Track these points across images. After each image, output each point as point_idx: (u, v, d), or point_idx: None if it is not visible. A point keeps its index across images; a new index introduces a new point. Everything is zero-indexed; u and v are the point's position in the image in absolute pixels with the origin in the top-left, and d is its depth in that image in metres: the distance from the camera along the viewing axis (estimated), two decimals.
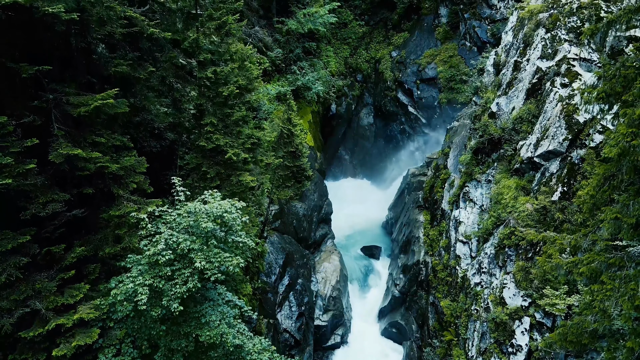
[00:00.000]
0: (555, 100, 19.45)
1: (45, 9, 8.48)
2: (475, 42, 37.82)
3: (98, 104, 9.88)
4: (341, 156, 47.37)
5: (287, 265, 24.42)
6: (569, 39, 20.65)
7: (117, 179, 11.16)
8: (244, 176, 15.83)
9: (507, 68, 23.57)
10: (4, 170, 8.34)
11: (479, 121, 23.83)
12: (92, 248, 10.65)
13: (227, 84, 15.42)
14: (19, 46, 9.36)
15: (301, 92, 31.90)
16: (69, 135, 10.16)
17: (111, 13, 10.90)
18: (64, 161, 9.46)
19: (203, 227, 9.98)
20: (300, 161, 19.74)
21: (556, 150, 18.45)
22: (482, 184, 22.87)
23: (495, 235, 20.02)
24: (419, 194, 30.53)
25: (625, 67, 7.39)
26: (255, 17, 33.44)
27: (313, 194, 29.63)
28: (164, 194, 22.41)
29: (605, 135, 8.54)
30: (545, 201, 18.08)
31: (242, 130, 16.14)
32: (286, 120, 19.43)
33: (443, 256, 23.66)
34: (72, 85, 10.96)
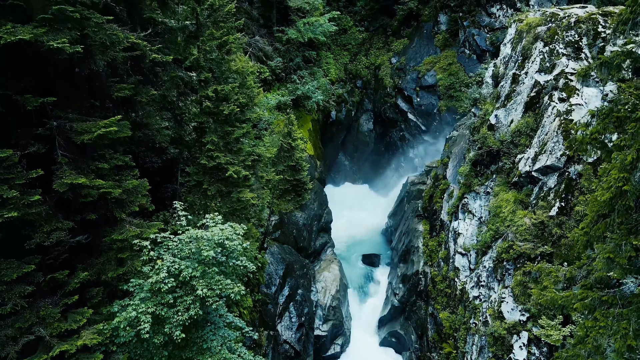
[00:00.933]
0: (553, 115, 19.61)
1: (50, 43, 8.64)
2: (474, 50, 37.98)
3: (101, 132, 10.03)
4: (341, 162, 47.56)
5: (287, 275, 24.55)
6: (567, 53, 20.80)
7: (119, 202, 11.30)
8: (244, 193, 15.98)
9: (506, 80, 23.72)
10: (9, 202, 8.49)
11: (477, 133, 23.99)
12: (95, 272, 10.80)
13: (228, 102, 15.56)
14: (24, 77, 9.51)
15: (301, 101, 32.06)
16: (72, 162, 10.31)
17: (114, 37, 11.05)
18: (68, 189, 9.61)
19: (205, 256, 10.13)
20: (300, 174, 19.88)
21: (554, 165, 18.61)
22: (480, 195, 23.02)
23: (493, 248, 20.17)
24: (418, 203, 30.68)
25: (617, 109, 7.53)
26: (256, 25, 33.59)
27: (313, 203, 29.79)
28: (165, 206, 22.61)
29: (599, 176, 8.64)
30: (543, 216, 18.24)
31: (243, 148, 16.29)
32: (286, 134, 19.57)
33: (442, 267, 23.81)
34: (76, 111, 11.11)
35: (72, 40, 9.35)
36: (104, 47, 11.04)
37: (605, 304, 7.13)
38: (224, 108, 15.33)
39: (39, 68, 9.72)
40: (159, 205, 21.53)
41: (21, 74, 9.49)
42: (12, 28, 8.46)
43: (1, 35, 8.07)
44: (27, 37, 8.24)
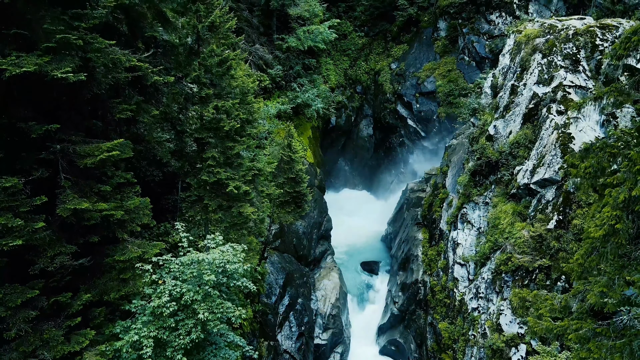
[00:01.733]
0: (551, 127, 19.76)
1: (55, 73, 8.78)
2: (473, 57, 38.13)
3: (104, 157, 10.18)
4: (341, 167, 47.73)
5: (288, 285, 24.70)
6: (565, 65, 20.94)
7: (121, 222, 11.44)
8: (244, 207, 16.11)
9: (505, 91, 23.86)
10: (14, 230, 8.64)
11: (476, 143, 24.13)
12: (97, 293, 10.94)
13: (229, 117, 15.71)
14: (28, 104, 9.66)
15: (301, 109, 32.21)
16: (75, 185, 10.46)
17: (116, 60, 11.20)
18: (71, 214, 9.75)
19: (206, 280, 10.27)
20: (300, 187, 19.99)
21: (552, 178, 18.75)
22: (479, 206, 23.16)
23: (492, 260, 20.31)
24: (417, 210, 30.83)
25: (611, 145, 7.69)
26: (256, 33, 33.73)
27: (313, 211, 29.94)
28: (165, 217, 22.75)
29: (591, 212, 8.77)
30: (541, 229, 18.38)
31: (243, 162, 16.42)
32: (286, 146, 19.71)
33: (441, 277, 23.95)
34: (78, 132, 11.26)
35: (75, 68, 9.50)
36: (106, 69, 11.20)
37: (600, 335, 7.27)
38: (224, 124, 15.46)
39: (42, 94, 9.86)
40: (159, 216, 21.72)
41: (25, 101, 9.64)
42: (17, 59, 8.61)
43: (6, 68, 8.22)
44: (31, 69, 8.39)
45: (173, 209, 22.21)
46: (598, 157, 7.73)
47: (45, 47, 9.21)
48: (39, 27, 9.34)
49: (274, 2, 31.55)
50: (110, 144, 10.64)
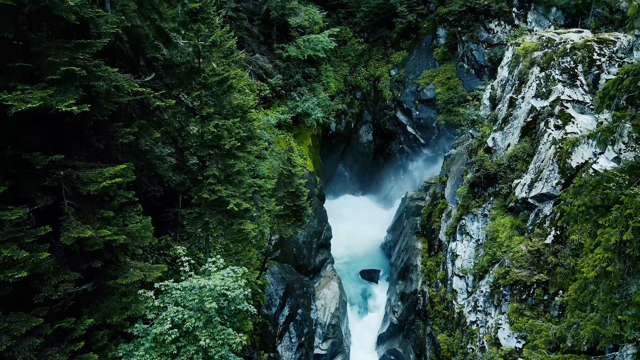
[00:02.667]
0: (548, 142, 19.93)
1: (59, 107, 8.96)
2: (473, 64, 38.31)
3: (107, 184, 10.35)
4: (341, 173, 47.86)
5: (288, 295, 24.86)
6: (563, 79, 21.12)
7: (124, 246, 11.60)
8: (245, 224, 16.27)
9: (503, 103, 24.03)
10: (19, 262, 8.81)
11: (475, 155, 24.30)
12: (100, 316, 11.11)
13: (230, 134, 15.87)
14: (33, 134, 9.83)
15: (301, 118, 32.38)
16: (78, 211, 10.62)
17: (119, 85, 11.38)
18: (75, 242, 9.92)
19: (208, 308, 10.44)
20: (300, 200, 20.17)
21: (549, 193, 18.92)
22: (478, 217, 23.32)
23: (490, 273, 20.48)
24: (417, 219, 31.00)
25: (604, 185, 7.85)
26: (256, 43, 33.91)
27: (313, 220, 30.10)
28: (166, 230, 22.88)
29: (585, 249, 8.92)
30: (539, 244, 18.55)
31: (244, 179, 16.58)
32: (286, 160, 19.88)
33: (440, 288, 24.12)
34: (82, 157, 11.43)
35: (79, 99, 9.67)
36: (109, 95, 11.37)
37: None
38: (225, 142, 15.63)
39: (46, 124, 10.03)
40: (160, 229, 21.87)
41: (30, 131, 9.80)
42: (22, 93, 8.78)
43: (12, 104, 8.38)
44: (37, 105, 8.56)
45: (174, 222, 22.40)
46: (591, 195, 7.93)
47: (49, 79, 9.37)
48: (43, 59, 9.51)
49: (274, 12, 31.72)
50: (113, 170, 10.80)
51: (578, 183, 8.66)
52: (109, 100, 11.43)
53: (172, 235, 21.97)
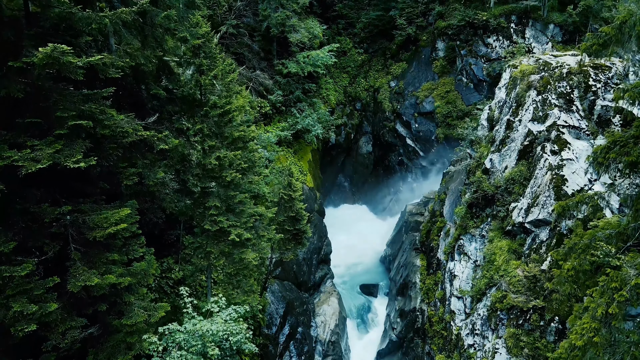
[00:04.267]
0: (545, 167, 20.23)
1: (67, 163, 9.27)
2: (471, 79, 38.61)
3: (112, 231, 10.65)
4: (340, 183, 48.16)
5: (288, 314, 25.16)
6: (559, 104, 21.42)
7: (128, 287, 11.91)
8: (246, 254, 16.59)
9: (501, 125, 24.33)
10: (28, 316, 9.11)
11: (473, 175, 24.62)
12: (105, 356, 11.41)
13: (231, 167, 16.18)
14: (40, 186, 10.14)
15: (301, 134, 32.70)
16: (84, 255, 10.93)
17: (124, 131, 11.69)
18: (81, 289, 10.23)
19: (210, 355, 10.76)
20: (300, 224, 20.48)
21: (546, 219, 19.22)
22: (476, 238, 23.62)
23: (488, 296, 20.78)
24: (415, 235, 31.30)
25: (592, 254, 8.16)
26: (256, 59, 34.23)
27: (313, 236, 30.37)
28: (168, 251, 23.16)
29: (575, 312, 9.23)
30: (535, 270, 18.86)
31: (245, 209, 16.89)
32: (287, 185, 20.19)
33: (439, 308, 24.42)
34: (87, 199, 11.74)
35: (85, 152, 9.98)
36: (114, 140, 11.69)
37: None
38: (226, 174, 15.95)
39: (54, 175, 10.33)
40: (162, 251, 22.19)
41: (39, 185, 10.11)
42: (31, 152, 9.08)
43: (22, 164, 8.69)
44: (46, 165, 8.87)
45: (176, 243, 22.70)
46: (580, 259, 8.24)
47: (57, 133, 9.68)
48: (51, 113, 9.81)
49: (274, 29, 32.04)
50: (118, 215, 11.11)
51: (568, 245, 8.98)
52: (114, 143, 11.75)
53: (174, 257, 22.31)
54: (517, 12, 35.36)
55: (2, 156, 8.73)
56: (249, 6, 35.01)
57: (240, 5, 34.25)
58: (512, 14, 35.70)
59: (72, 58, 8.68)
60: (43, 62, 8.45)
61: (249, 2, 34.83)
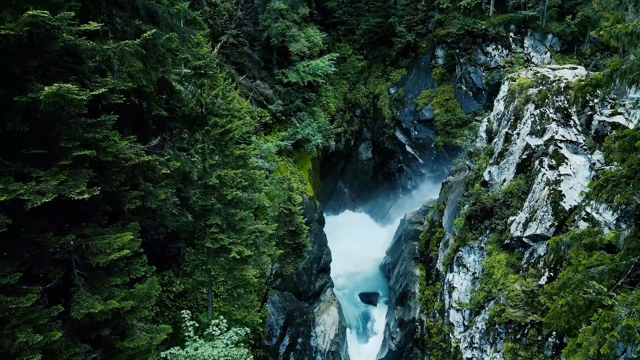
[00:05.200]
0: (542, 182, 20.41)
1: (72, 195, 9.45)
2: (470, 87, 38.80)
3: (115, 257, 10.83)
4: (340, 189, 48.34)
5: (288, 324, 25.34)
6: (557, 118, 21.59)
7: (131, 310, 12.07)
8: (247, 270, 16.77)
9: (499, 138, 24.50)
10: (33, 345, 9.28)
11: (472, 187, 24.78)
12: None
13: (232, 185, 16.36)
14: (45, 215, 10.31)
15: (301, 144, 32.89)
16: (88, 281, 11.10)
17: (127, 157, 11.87)
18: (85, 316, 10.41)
19: None
20: (300, 238, 20.66)
21: (543, 234, 19.39)
22: (475, 250, 23.80)
23: (486, 309, 20.95)
24: (415, 244, 31.48)
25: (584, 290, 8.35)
26: (257, 68, 34.42)
27: (313, 246, 30.53)
28: (169, 263, 23.31)
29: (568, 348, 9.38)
30: (533, 284, 19.03)
31: (246, 226, 17.07)
32: (287, 199, 20.37)
33: (437, 319, 24.59)
34: (90, 224, 11.92)
35: (90, 182, 10.16)
36: (117, 164, 11.87)
37: None
38: (227, 193, 16.13)
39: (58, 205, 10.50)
40: (163, 263, 22.37)
41: (42, 215, 10.28)
42: (37, 184, 9.26)
43: (28, 198, 8.87)
44: (51, 199, 9.05)
45: (176, 255, 22.88)
46: (574, 294, 8.42)
47: (62, 164, 9.86)
48: (56, 144, 9.99)
49: (274, 39, 32.22)
50: (121, 241, 11.27)
51: (562, 279, 9.16)
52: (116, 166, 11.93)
53: (174, 270, 22.49)
54: (516, 22, 35.55)
55: (8, 190, 8.90)
56: (249, 15, 35.22)
57: (241, 15, 34.47)
58: (511, 23, 35.89)
59: (76, 94, 8.86)
60: (49, 100, 8.63)
61: (249, 11, 35.04)
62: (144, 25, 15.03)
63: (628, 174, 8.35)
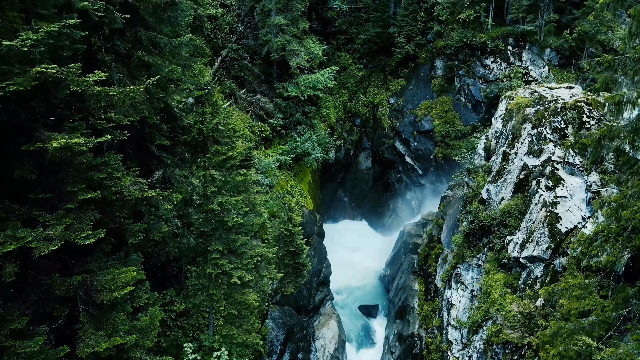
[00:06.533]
0: (539, 203, 20.67)
1: (78, 240, 9.72)
2: (469, 99, 39.05)
3: (119, 295, 11.09)
4: (340, 198, 48.59)
5: (288, 340, 25.59)
6: (554, 139, 21.86)
7: (134, 345, 12.34)
8: (247, 294, 17.02)
9: (497, 156, 24.77)
10: None
11: (470, 204, 25.04)
12: None
13: (233, 212, 16.62)
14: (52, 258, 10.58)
15: (301, 157, 33.15)
16: (93, 317, 11.37)
17: (130, 193, 12.14)
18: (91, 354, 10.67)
19: None
20: (300, 258, 20.92)
21: (540, 256, 19.65)
22: (473, 267, 24.06)
23: (484, 329, 21.21)
24: (414, 258, 31.74)
25: (576, 342, 8.60)
26: (257, 82, 34.68)
27: (312, 260, 30.80)
28: (170, 282, 23.52)
29: None
30: (530, 306, 19.29)
31: (247, 251, 17.32)
32: (287, 220, 20.63)
33: (436, 335, 24.85)
34: (95, 258, 12.18)
35: (95, 223, 10.43)
36: (121, 200, 12.13)
37: None
38: (228, 219, 16.38)
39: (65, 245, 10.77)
40: (164, 282, 22.61)
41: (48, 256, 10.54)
42: (43, 230, 9.53)
43: (35, 246, 9.14)
44: (57, 246, 9.32)
45: (178, 274, 23.12)
46: (565, 344, 8.69)
47: (67, 207, 10.13)
48: (62, 187, 10.25)
49: (275, 54, 32.49)
50: (125, 278, 11.53)
51: (554, 328, 9.42)
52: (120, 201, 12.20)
53: (176, 288, 22.73)
54: (514, 36, 35.82)
55: (16, 237, 9.16)
56: (249, 28, 35.48)
57: (242, 29, 34.73)
58: (509, 36, 36.16)
59: (83, 147, 9.13)
60: (57, 153, 8.89)
61: (250, 25, 35.31)
62: (147, 57, 15.34)
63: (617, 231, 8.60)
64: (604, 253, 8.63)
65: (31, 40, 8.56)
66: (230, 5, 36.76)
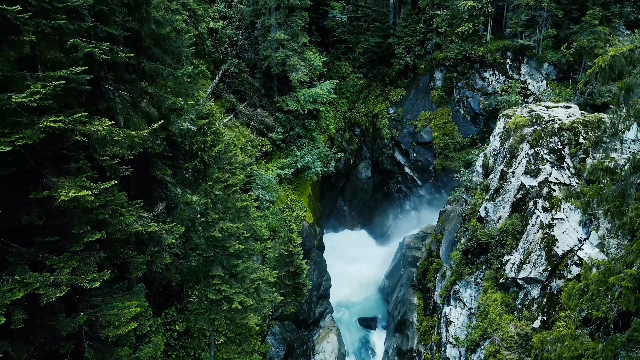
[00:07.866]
0: (536, 225, 20.93)
1: (84, 284, 9.99)
2: (468, 111, 39.32)
3: (123, 332, 11.37)
4: (340, 207, 48.85)
5: (288, 356, 25.86)
6: (551, 160, 22.11)
7: None
8: (248, 318, 17.30)
9: (495, 174, 25.03)
10: None
11: (468, 222, 25.30)
12: None
13: (234, 239, 16.89)
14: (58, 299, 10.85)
15: (301, 171, 33.41)
16: (98, 353, 11.64)
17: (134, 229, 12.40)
18: None
19: None
20: (300, 278, 21.19)
21: (537, 278, 19.92)
22: (471, 285, 24.33)
23: (482, 348, 21.48)
24: (413, 271, 32.01)
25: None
26: (257, 95, 34.95)
27: (312, 273, 31.08)
28: (172, 301, 23.78)
29: None
30: (527, 327, 19.56)
31: (247, 275, 17.59)
32: (287, 241, 20.90)
33: (435, 352, 25.12)
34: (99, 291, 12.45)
35: (100, 264, 10.70)
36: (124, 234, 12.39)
37: None
38: (229, 245, 16.66)
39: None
40: (166, 301, 22.87)
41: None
42: (50, 274, 9.80)
43: (43, 293, 9.41)
44: (64, 292, 9.59)
45: (179, 292, 23.39)
46: None
47: (73, 249, 10.40)
48: (68, 229, 10.52)
49: (275, 68, 32.74)
50: (129, 313, 11.80)
51: None
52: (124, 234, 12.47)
53: (177, 307, 23.00)
54: (513, 49, 36.08)
55: (24, 282, 9.43)
56: (250, 42, 35.74)
57: (243, 43, 35.00)
58: (507, 50, 36.43)
59: (90, 197, 9.40)
60: (64, 205, 9.17)
61: (250, 39, 35.58)
62: (150, 88, 15.61)
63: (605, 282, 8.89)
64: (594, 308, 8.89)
65: (40, 94, 8.83)
66: (231, 18, 37.06)
